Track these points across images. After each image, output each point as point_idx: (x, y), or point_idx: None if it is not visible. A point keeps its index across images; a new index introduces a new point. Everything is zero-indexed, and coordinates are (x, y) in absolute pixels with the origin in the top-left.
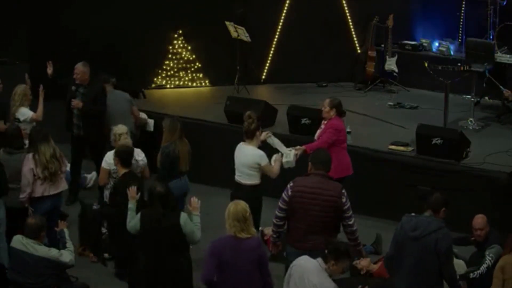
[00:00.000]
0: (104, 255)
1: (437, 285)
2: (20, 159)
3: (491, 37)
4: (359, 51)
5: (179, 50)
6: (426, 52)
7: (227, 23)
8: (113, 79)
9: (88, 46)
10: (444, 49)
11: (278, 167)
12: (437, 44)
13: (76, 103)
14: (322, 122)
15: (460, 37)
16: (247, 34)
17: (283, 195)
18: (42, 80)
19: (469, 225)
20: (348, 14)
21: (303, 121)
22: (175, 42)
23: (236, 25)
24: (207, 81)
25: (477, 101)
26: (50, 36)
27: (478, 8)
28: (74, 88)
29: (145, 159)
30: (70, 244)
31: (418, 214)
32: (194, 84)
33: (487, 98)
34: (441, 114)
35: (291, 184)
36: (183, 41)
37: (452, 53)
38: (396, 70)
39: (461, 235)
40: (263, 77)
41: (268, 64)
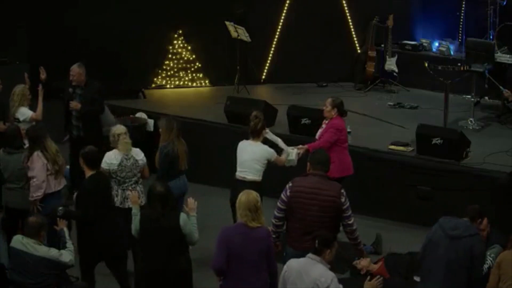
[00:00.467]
0: None
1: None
2: (19, 159)
3: (491, 37)
4: (359, 51)
5: (179, 50)
6: (426, 52)
7: (227, 23)
8: None
9: (88, 46)
10: (444, 49)
11: (285, 158)
12: (437, 44)
13: (75, 104)
14: (323, 122)
15: (460, 37)
16: (247, 34)
17: (282, 195)
18: (42, 80)
19: None
20: (348, 14)
21: (303, 121)
22: (175, 42)
23: (236, 25)
24: (207, 81)
25: (477, 101)
26: (50, 36)
27: (478, 8)
28: (71, 90)
29: (145, 159)
30: (70, 244)
31: (456, 218)
32: (194, 84)
33: (487, 98)
34: (441, 114)
35: (290, 184)
36: (183, 41)
37: (452, 53)
38: (396, 70)
39: None
40: (263, 77)
41: (268, 64)
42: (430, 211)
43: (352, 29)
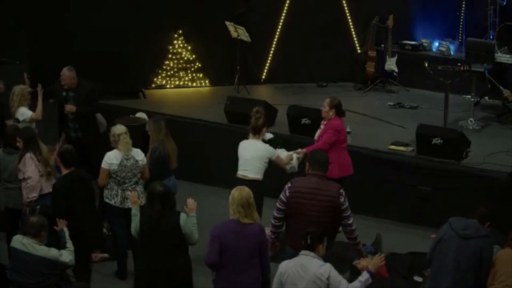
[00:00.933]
0: (104, 255)
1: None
2: None
3: (491, 37)
4: (359, 51)
5: (179, 50)
6: (426, 52)
7: (227, 23)
8: None
9: (88, 46)
10: (444, 49)
11: (287, 159)
12: (437, 44)
13: (70, 107)
14: (322, 122)
15: (460, 37)
16: (247, 34)
17: (281, 195)
18: (42, 80)
19: None
20: (348, 14)
21: (303, 121)
22: (175, 42)
23: (236, 25)
24: (207, 81)
25: (477, 101)
26: (50, 36)
27: (478, 8)
28: (64, 93)
29: (145, 160)
30: (70, 244)
31: (466, 218)
32: (194, 84)
33: (487, 98)
34: (441, 114)
35: (289, 184)
36: (183, 41)
37: (452, 53)
38: (396, 70)
39: None
40: (263, 77)
41: (268, 64)
42: (430, 211)
43: (352, 29)
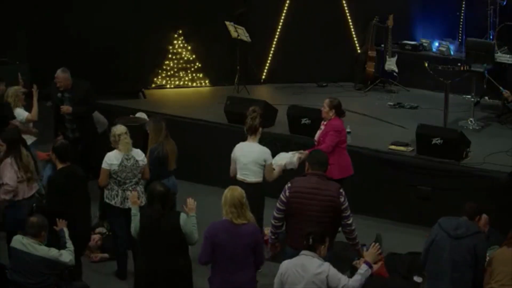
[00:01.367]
0: (104, 255)
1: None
2: None
3: (491, 37)
4: (359, 51)
5: (179, 50)
6: (426, 52)
7: (227, 23)
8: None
9: (88, 46)
10: (444, 49)
11: (278, 173)
12: (437, 44)
13: (66, 108)
14: (322, 123)
15: (460, 37)
16: (247, 34)
17: (281, 195)
18: (42, 80)
19: None
20: (348, 14)
21: (303, 121)
22: (175, 42)
23: (236, 25)
24: (207, 81)
25: (477, 101)
26: (50, 36)
27: (478, 8)
28: (60, 95)
29: (145, 160)
30: (70, 244)
31: (456, 217)
32: (194, 84)
33: (487, 98)
34: (441, 114)
35: (289, 184)
36: (183, 41)
37: (452, 53)
38: (396, 70)
39: None
40: (263, 77)
41: (268, 64)
42: (430, 211)
43: (352, 29)
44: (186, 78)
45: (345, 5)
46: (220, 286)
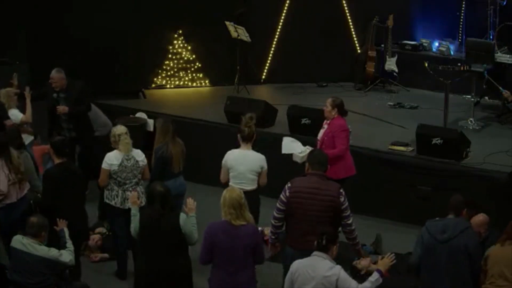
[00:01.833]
0: (104, 255)
1: (469, 285)
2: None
3: (491, 37)
4: (359, 51)
5: (179, 50)
6: (426, 52)
7: (227, 23)
8: None
9: (87, 46)
10: (444, 49)
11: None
12: (437, 44)
13: (62, 108)
14: (325, 122)
15: (460, 37)
16: (247, 34)
17: (281, 196)
18: (42, 80)
19: None
20: (348, 14)
21: (303, 121)
22: (175, 42)
23: (236, 25)
24: (207, 81)
25: (477, 101)
26: (50, 37)
27: (478, 8)
28: (55, 95)
29: (145, 160)
30: (70, 244)
31: (442, 218)
32: (194, 84)
33: (487, 98)
34: (441, 114)
35: (289, 184)
36: (183, 41)
37: (452, 53)
38: (396, 70)
39: None
40: (263, 77)
41: (268, 64)
42: (430, 211)
43: (352, 29)
44: (186, 78)
45: (345, 5)
46: (220, 286)
